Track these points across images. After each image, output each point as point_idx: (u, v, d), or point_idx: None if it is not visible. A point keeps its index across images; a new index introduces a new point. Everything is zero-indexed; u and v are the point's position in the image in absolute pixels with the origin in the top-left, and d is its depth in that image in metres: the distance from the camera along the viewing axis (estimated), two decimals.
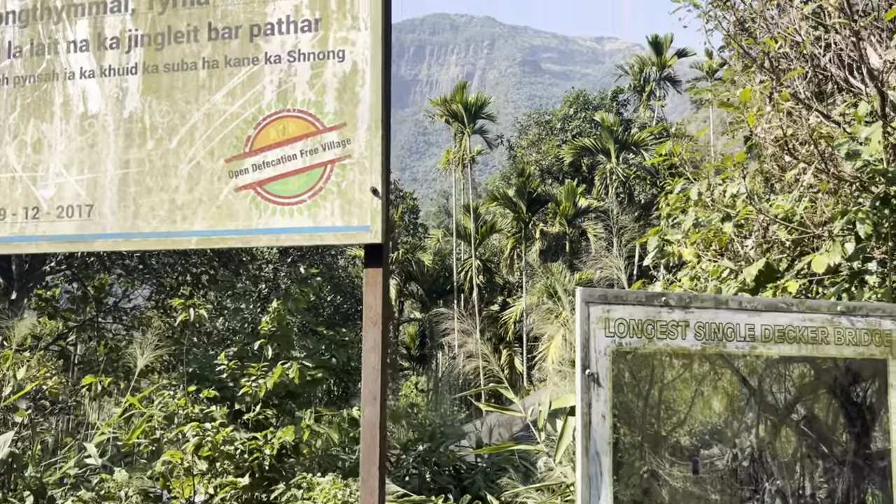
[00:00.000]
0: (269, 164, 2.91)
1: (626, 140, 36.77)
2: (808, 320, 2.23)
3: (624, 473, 2.02)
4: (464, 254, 41.13)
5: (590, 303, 2.09)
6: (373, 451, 2.62)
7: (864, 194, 5.42)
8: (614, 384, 2.05)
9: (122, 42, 3.11)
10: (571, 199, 35.59)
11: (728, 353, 2.15)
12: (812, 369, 2.21)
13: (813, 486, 2.16)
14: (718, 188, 6.27)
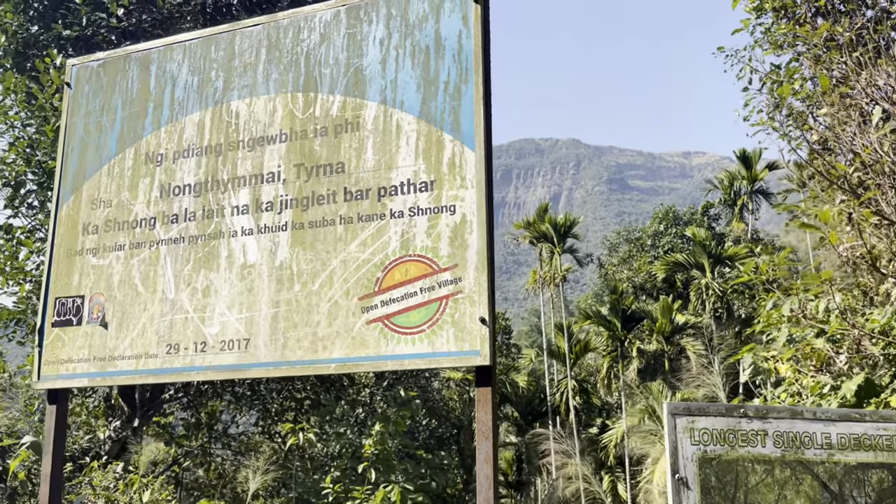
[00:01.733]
0: (394, 300, 3.45)
1: (720, 254, 36.32)
2: (882, 429, 2.45)
3: None
4: (558, 374, 40.62)
5: (676, 414, 2.41)
6: None
7: None
8: (702, 487, 2.32)
9: (275, 205, 3.83)
10: (668, 316, 34.99)
11: (807, 459, 2.39)
12: (890, 475, 2.41)
13: None
14: (811, 304, 6.38)
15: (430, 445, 30.84)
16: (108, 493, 9.50)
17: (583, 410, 38.48)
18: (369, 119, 3.78)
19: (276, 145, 3.92)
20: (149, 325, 3.93)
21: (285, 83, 4.01)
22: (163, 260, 3.99)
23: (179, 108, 4.22)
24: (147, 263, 4.03)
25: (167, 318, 3.91)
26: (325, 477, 12.71)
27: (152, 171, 4.18)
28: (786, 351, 6.29)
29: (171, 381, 9.20)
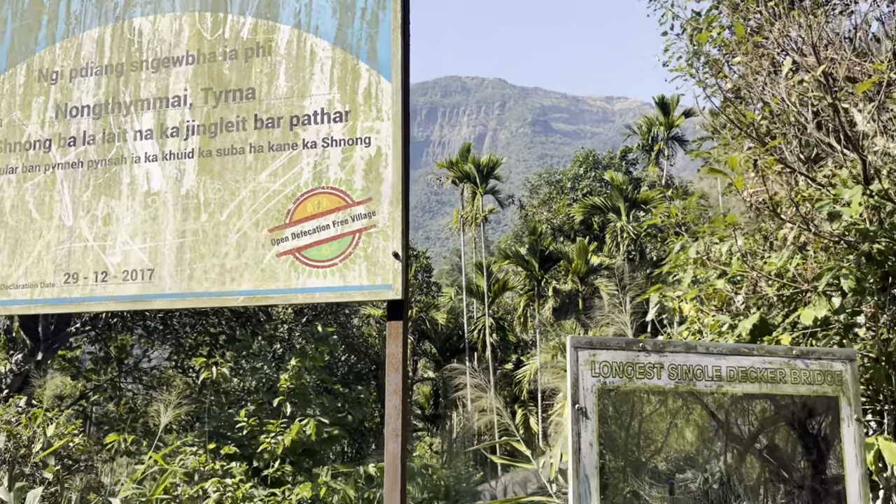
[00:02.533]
0: (306, 233, 3.38)
1: (636, 199, 37.40)
2: (768, 363, 2.60)
3: (609, 493, 2.38)
4: (477, 312, 41.43)
5: (578, 348, 2.49)
6: (395, 482, 2.98)
7: (850, 252, 5.80)
8: (600, 417, 2.42)
9: (181, 131, 3.65)
10: (583, 257, 36.02)
11: (698, 390, 2.52)
12: (772, 405, 2.57)
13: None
14: (716, 247, 6.66)
15: (348, 381, 31.12)
16: (10, 426, 9.20)
17: (499, 347, 39.55)
18: (282, 44, 3.62)
19: (183, 67, 3.72)
20: (45, 253, 3.73)
21: (192, 1, 3.78)
22: (59, 185, 3.77)
23: (76, 22, 3.93)
24: (42, 188, 3.80)
25: (65, 247, 3.72)
26: (241, 411, 12.68)
27: (47, 89, 3.90)
28: (690, 291, 6.57)
29: (70, 312, 8.88)
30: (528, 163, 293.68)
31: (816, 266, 5.86)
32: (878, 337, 5.87)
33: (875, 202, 5.60)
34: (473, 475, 25.25)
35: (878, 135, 5.93)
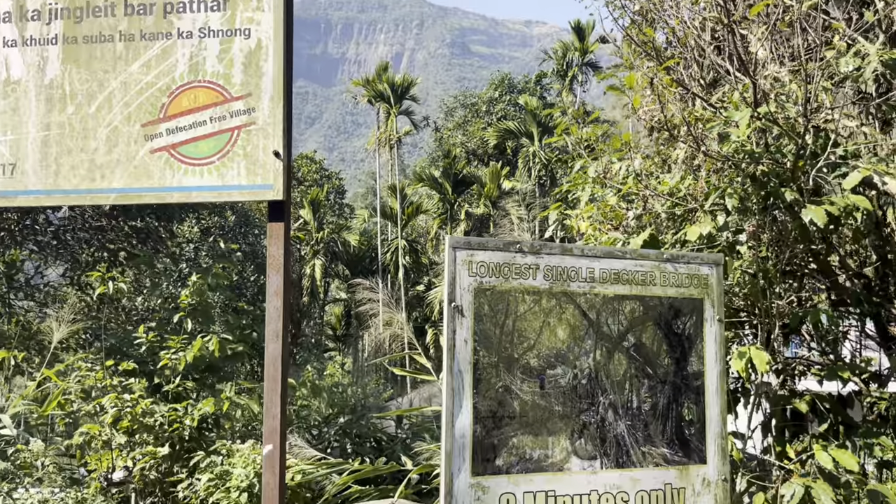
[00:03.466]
0: (181, 128, 3.22)
1: (549, 124, 37.70)
2: (640, 265, 2.70)
3: (482, 388, 2.44)
4: (391, 235, 41.45)
5: (456, 248, 2.50)
6: (275, 382, 2.98)
7: (737, 173, 6.04)
8: (476, 315, 2.46)
9: (43, 14, 3.35)
10: (496, 182, 36.33)
11: (571, 291, 2.59)
12: (641, 305, 2.68)
13: (639, 400, 2.63)
14: (614, 167, 6.81)
15: (258, 301, 30.80)
16: None
17: (412, 270, 39.88)
18: None
19: None
20: None
21: None
22: None
23: None
24: None
25: None
26: (139, 327, 12.36)
27: None
28: (587, 209, 6.73)
29: None
30: (445, 85, 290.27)
31: (706, 186, 6.09)
32: (757, 254, 6.21)
33: (762, 125, 5.81)
34: (383, 392, 25.76)
35: (769, 60, 6.11)
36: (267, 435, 2.99)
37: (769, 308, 6.16)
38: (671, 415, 2.65)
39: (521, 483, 2.43)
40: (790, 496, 4.97)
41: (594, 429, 2.55)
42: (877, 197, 6.74)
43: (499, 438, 2.43)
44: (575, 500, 2.48)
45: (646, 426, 2.61)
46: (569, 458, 2.50)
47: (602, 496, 2.51)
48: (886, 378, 6.77)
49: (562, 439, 2.50)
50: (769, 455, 5.91)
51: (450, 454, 2.36)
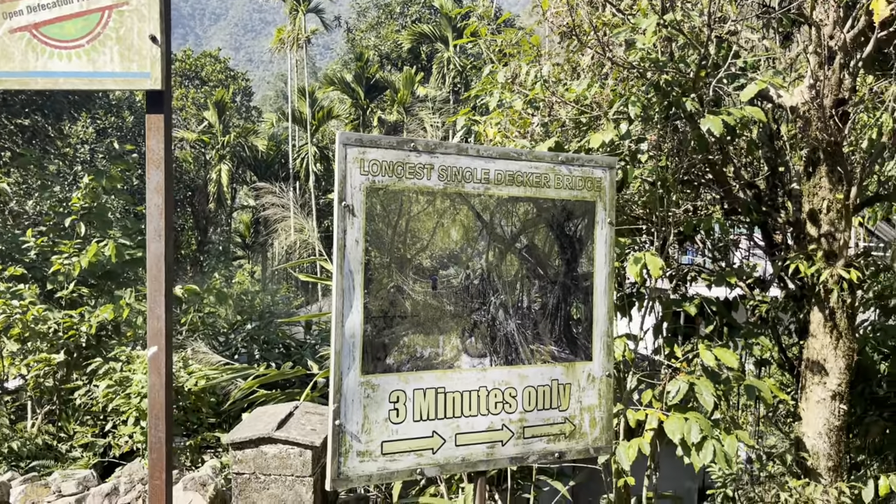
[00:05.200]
0: (44, 6, 2.91)
1: (464, 29, 36.82)
2: (534, 167, 2.68)
3: (374, 288, 2.42)
4: (301, 140, 40.29)
5: (347, 145, 2.41)
6: (158, 283, 2.87)
7: (642, 81, 6.08)
8: (367, 215, 2.40)
9: None
10: (409, 88, 35.58)
11: (466, 192, 2.56)
12: (535, 207, 2.68)
13: (530, 299, 2.68)
14: (523, 72, 6.72)
15: None
16: None
17: (323, 177, 39.11)
18: None
19: None
20: None
21: None
22: None
23: None
24: None
25: None
26: (28, 231, 11.70)
27: None
28: (494, 115, 6.67)
29: None
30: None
31: (612, 94, 6.12)
32: (657, 163, 6.36)
33: (668, 34, 5.83)
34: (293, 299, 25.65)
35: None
36: (151, 336, 2.90)
37: (666, 216, 6.36)
38: (560, 314, 2.71)
39: (412, 381, 2.45)
40: (675, 392, 5.29)
41: (485, 327, 2.58)
42: (772, 110, 6.96)
43: (390, 338, 2.43)
44: (464, 396, 2.53)
45: (535, 325, 2.66)
46: (459, 356, 2.53)
47: (491, 392, 2.57)
48: (769, 283, 7.21)
49: (453, 338, 2.53)
50: (659, 355, 6.25)
51: (339, 353, 2.35)
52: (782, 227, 6.81)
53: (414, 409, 2.46)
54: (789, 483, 6.15)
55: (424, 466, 2.45)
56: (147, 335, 2.89)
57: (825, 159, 5.95)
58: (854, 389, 6.77)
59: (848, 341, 6.04)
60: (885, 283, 7.51)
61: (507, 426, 2.59)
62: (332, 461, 2.32)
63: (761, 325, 7.26)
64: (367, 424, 2.38)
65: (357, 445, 2.36)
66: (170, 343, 2.89)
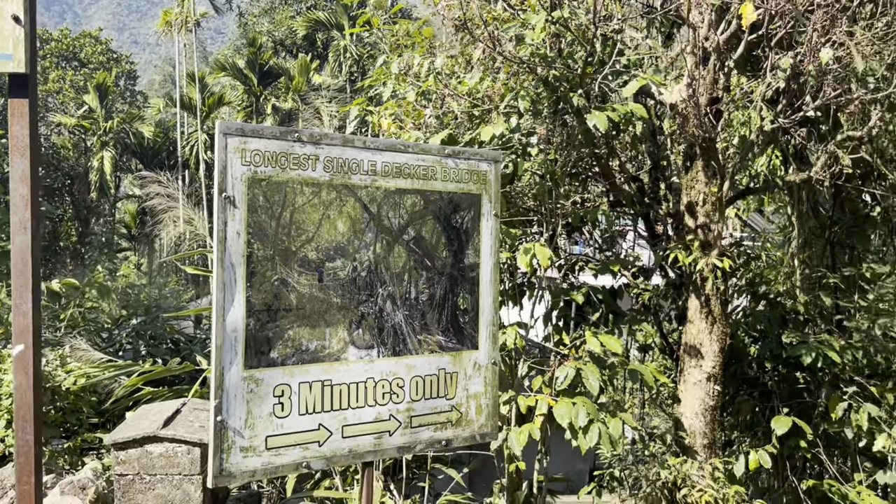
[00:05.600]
0: None
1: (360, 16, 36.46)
2: (421, 160, 2.71)
3: (257, 281, 2.37)
4: (190, 127, 38.78)
5: (227, 134, 2.35)
6: (24, 277, 2.70)
7: (531, 76, 6.22)
8: (249, 206, 2.36)
9: None
10: (305, 75, 34.91)
11: (352, 183, 2.55)
12: (422, 199, 2.70)
13: (417, 291, 2.70)
14: (416, 64, 6.74)
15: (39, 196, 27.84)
16: None
17: (213, 165, 37.81)
18: None
19: None
20: None
21: None
22: None
23: None
24: None
25: None
26: None
27: None
28: (387, 106, 6.66)
29: None
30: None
31: (504, 89, 6.24)
32: (547, 157, 6.54)
33: (556, 30, 6.00)
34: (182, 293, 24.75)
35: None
36: (17, 334, 2.73)
37: (555, 208, 6.56)
38: (447, 304, 2.76)
39: (297, 374, 2.43)
40: (563, 377, 5.48)
41: (372, 319, 2.58)
42: (655, 107, 7.30)
43: (274, 331, 2.39)
44: (351, 387, 2.53)
45: (423, 315, 2.69)
46: (346, 348, 2.53)
47: (378, 383, 2.58)
48: (651, 272, 7.57)
49: (339, 330, 2.52)
50: (550, 342, 6.45)
51: (220, 348, 2.29)
52: (663, 219, 7.15)
53: (299, 402, 2.43)
54: (669, 461, 6.50)
55: (311, 459, 2.44)
56: (13, 333, 2.72)
57: (701, 154, 6.29)
58: (727, 371, 7.22)
59: (722, 326, 6.42)
60: (756, 272, 8.03)
61: (395, 416, 2.61)
62: (213, 458, 2.27)
63: (644, 312, 7.62)
64: (250, 419, 2.34)
65: (240, 441, 2.31)
66: (38, 341, 2.73)
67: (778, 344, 6.85)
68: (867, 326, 7.11)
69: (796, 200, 8.39)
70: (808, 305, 7.23)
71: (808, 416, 6.81)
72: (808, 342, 6.42)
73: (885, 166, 6.92)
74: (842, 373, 6.77)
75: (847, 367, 6.72)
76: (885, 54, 6.11)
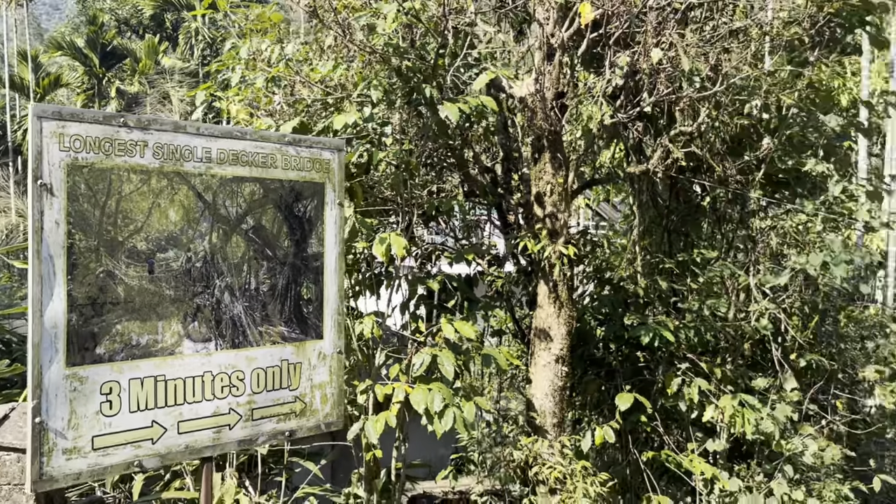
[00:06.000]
0: None
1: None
2: (260, 147, 2.65)
3: (79, 273, 2.24)
4: (23, 110, 35.67)
5: (42, 118, 2.19)
6: None
7: (384, 66, 6.23)
8: (70, 194, 2.21)
9: None
10: (153, 57, 33.04)
11: (185, 171, 2.46)
12: (262, 188, 2.65)
13: (258, 281, 2.65)
14: (267, 49, 6.57)
15: None
16: None
17: None
18: None
19: None
20: None
21: None
22: None
23: None
24: None
25: None
26: None
27: None
28: (236, 92, 6.45)
29: None
30: None
31: (358, 77, 6.20)
32: (402, 147, 6.58)
33: (408, 20, 6.03)
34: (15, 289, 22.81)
35: None
36: None
37: (410, 198, 6.62)
38: (290, 294, 2.72)
39: (126, 370, 2.31)
40: (419, 364, 5.56)
41: (209, 311, 2.51)
42: (507, 100, 7.53)
43: (100, 326, 2.26)
44: (187, 382, 2.44)
45: (264, 307, 2.64)
46: (181, 341, 2.44)
47: (217, 376, 2.51)
48: (504, 260, 7.83)
49: (173, 323, 2.42)
50: (407, 331, 6.52)
51: (38, 345, 2.15)
52: (515, 209, 7.40)
53: (130, 399, 2.32)
54: (521, 441, 6.77)
55: (143, 458, 2.34)
56: None
57: (548, 147, 6.57)
58: (575, 353, 7.60)
59: (569, 310, 6.75)
60: (602, 258, 8.49)
61: (235, 409, 2.55)
62: (32, 462, 2.13)
63: (498, 299, 7.86)
64: (74, 420, 2.21)
65: (63, 443, 2.18)
66: None
67: (621, 326, 7.28)
68: (697, 307, 7.71)
69: (637, 191, 8.93)
70: (647, 289, 7.73)
71: (648, 392, 7.30)
72: (646, 323, 6.87)
73: (713, 160, 7.50)
74: (677, 351, 7.30)
75: (681, 345, 7.25)
76: (710, 56, 6.63)
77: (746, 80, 6.80)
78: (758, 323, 7.58)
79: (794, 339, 7.80)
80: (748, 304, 7.81)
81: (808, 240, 8.01)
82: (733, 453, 7.68)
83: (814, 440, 7.60)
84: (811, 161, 8.10)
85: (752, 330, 7.68)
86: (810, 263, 7.13)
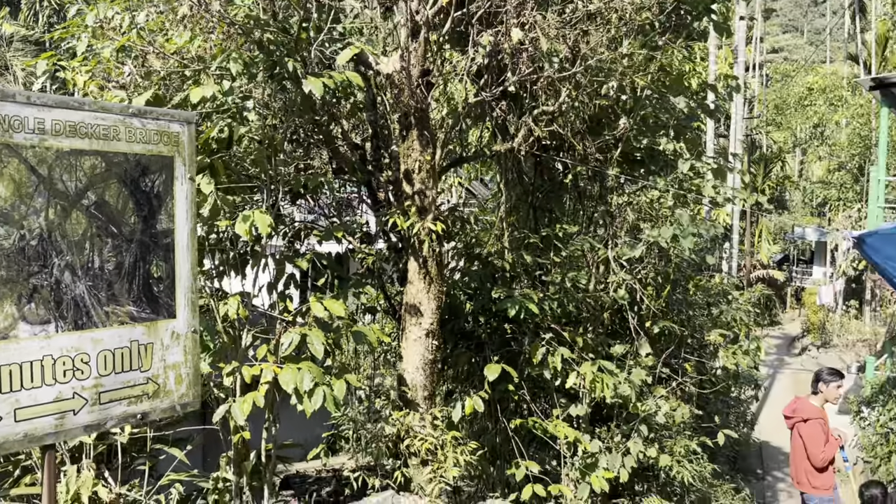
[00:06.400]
0: None
1: None
2: (101, 119, 2.52)
3: None
4: None
5: None
6: None
7: (245, 39, 6.03)
8: None
9: None
10: None
11: (16, 143, 2.30)
12: (104, 162, 2.52)
13: (102, 260, 2.53)
14: (117, 17, 6.19)
15: None
16: None
17: None
18: None
19: None
20: None
21: None
22: None
23: None
24: None
25: None
26: None
27: None
28: (87, 63, 6.05)
29: None
30: None
31: (217, 50, 5.97)
32: (265, 122, 6.41)
33: None
34: None
35: None
36: None
37: (276, 175, 6.48)
38: (139, 273, 2.61)
39: None
40: (288, 344, 5.49)
41: (48, 292, 2.37)
42: (374, 76, 7.48)
43: None
44: (24, 367, 2.30)
45: (110, 286, 2.52)
46: (16, 324, 2.29)
47: (58, 360, 2.38)
48: (375, 237, 7.84)
49: (7, 305, 2.27)
50: (275, 311, 6.41)
51: None
52: (385, 186, 7.41)
53: None
54: (393, 415, 6.85)
55: None
56: None
57: (415, 124, 6.61)
58: (446, 327, 7.75)
59: (438, 285, 6.86)
60: (471, 235, 8.67)
61: (80, 394, 2.43)
62: None
63: (368, 276, 7.88)
64: None
65: None
66: None
67: (489, 299, 7.49)
68: (560, 280, 8.06)
69: (503, 169, 9.16)
70: (514, 264, 7.99)
71: (516, 362, 7.57)
72: (513, 296, 7.10)
73: (574, 138, 7.81)
74: (542, 322, 7.60)
75: (546, 316, 7.56)
76: (569, 37, 6.88)
77: (604, 62, 7.11)
78: (616, 293, 8.02)
79: (648, 307, 8.33)
80: (607, 276, 8.25)
81: (661, 214, 8.54)
82: (595, 417, 8.13)
83: (666, 401, 8.18)
84: (664, 140, 8.62)
85: (611, 300, 8.13)
86: (662, 236, 7.61)
